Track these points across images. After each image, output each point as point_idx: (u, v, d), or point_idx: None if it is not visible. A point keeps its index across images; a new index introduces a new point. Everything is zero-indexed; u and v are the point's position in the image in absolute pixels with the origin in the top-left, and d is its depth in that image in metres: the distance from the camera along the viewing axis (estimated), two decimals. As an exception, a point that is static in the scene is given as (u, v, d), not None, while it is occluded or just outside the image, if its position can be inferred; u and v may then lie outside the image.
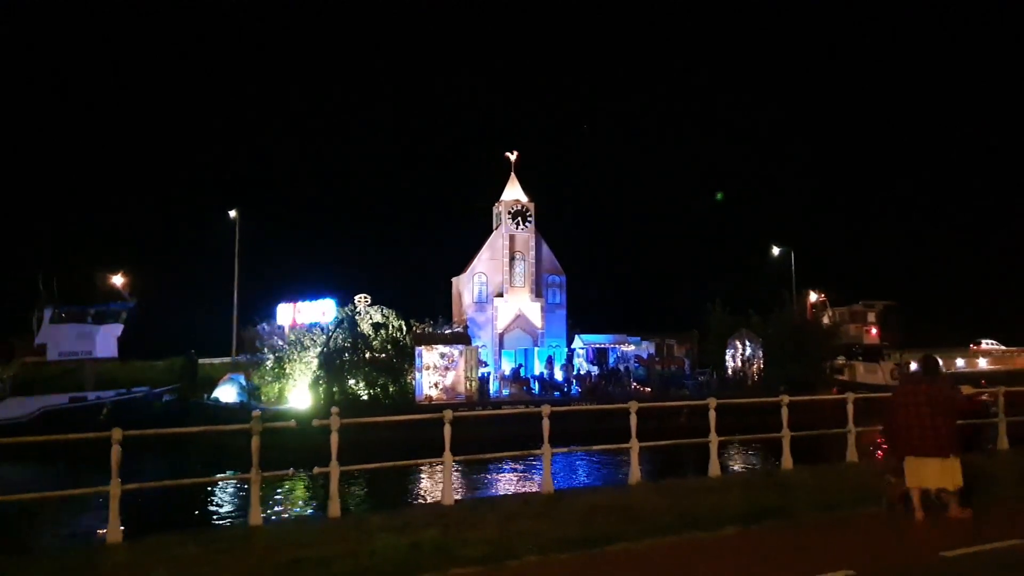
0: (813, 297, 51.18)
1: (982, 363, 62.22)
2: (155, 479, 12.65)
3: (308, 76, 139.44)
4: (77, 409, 32.32)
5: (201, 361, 42.31)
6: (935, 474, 9.29)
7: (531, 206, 50.66)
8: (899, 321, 48.49)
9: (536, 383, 46.84)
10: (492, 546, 8.07)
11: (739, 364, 48.91)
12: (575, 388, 46.15)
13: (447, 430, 9.88)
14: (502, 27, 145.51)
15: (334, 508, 9.37)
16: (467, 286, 50.67)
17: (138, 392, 35.14)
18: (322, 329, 39.41)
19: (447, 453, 9.92)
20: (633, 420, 11.15)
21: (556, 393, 45.11)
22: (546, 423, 10.50)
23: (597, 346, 51.27)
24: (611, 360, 50.96)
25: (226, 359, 46.43)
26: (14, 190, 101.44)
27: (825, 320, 46.15)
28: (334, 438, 9.37)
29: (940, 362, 10.64)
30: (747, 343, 48.38)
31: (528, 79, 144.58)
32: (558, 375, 48.44)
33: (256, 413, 9.33)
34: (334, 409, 9.78)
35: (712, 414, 11.70)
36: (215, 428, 12.65)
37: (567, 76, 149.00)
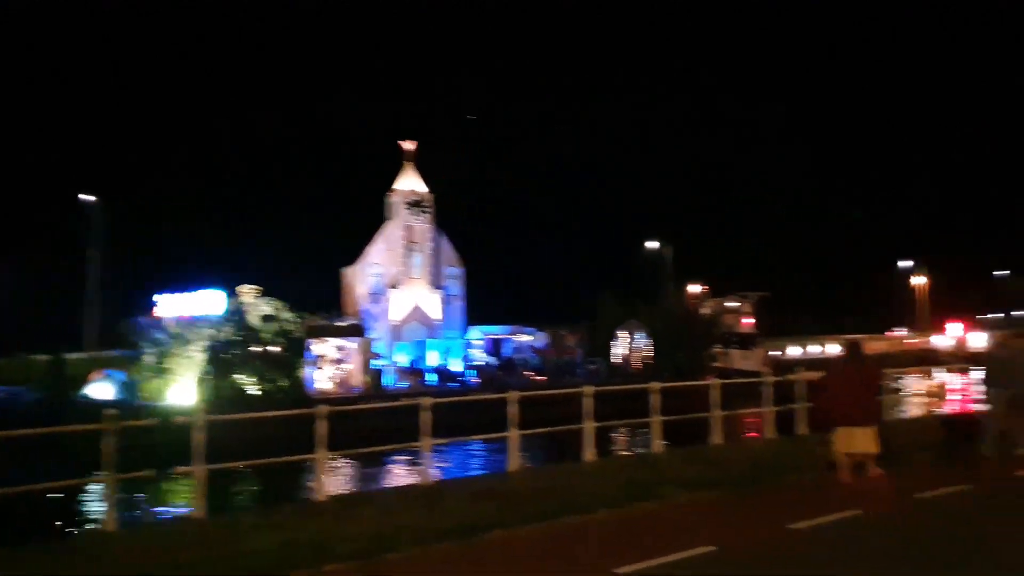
0: (695, 289, 53.30)
1: (834, 348, 66.76)
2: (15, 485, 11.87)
3: (194, 57, 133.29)
4: None
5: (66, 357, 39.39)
6: (862, 441, 10.61)
7: (430, 197, 50.25)
8: (771, 311, 51.46)
9: (435, 374, 46.85)
10: (370, 540, 8.03)
11: (628, 353, 50.54)
12: (473, 378, 46.47)
13: (321, 426, 9.73)
14: (389, 10, 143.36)
15: (201, 509, 9.08)
16: (360, 277, 49.93)
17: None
18: (209, 322, 37.83)
19: (321, 448, 9.76)
20: (512, 410, 11.33)
21: (454, 384, 45.22)
22: (426, 415, 10.52)
23: (494, 337, 51.81)
24: (507, 350, 51.59)
25: (97, 354, 43.66)
26: None
27: (706, 311, 48.20)
28: (198, 436, 9.07)
29: (863, 346, 12.22)
30: (635, 333, 50.04)
31: (430, 69, 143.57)
32: (457, 366, 48.69)
33: (110, 412, 8.88)
34: (200, 407, 9.48)
35: (587, 401, 12.05)
36: (65, 429, 10.90)
37: (470, 68, 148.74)
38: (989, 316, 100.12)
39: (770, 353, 45.87)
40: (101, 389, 36.04)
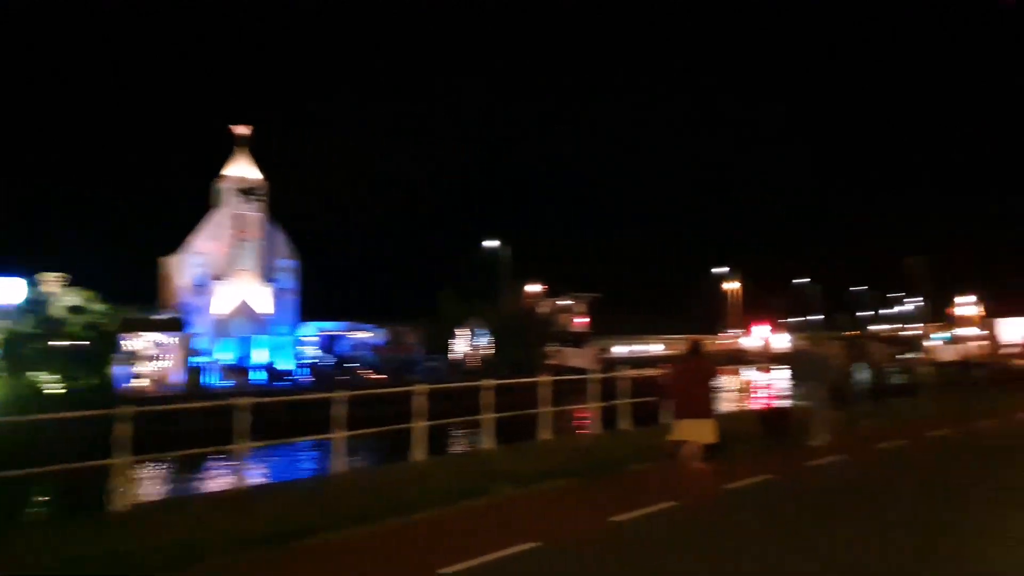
0: (533, 288, 54.56)
1: (656, 347, 71.28)
2: None
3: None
4: None
5: None
6: (700, 432, 11.43)
7: (264, 184, 47.85)
8: (602, 311, 53.81)
9: (263, 372, 44.74)
10: (177, 550, 7.40)
11: (469, 350, 50.89)
12: (305, 377, 44.83)
13: (122, 428, 8.85)
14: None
15: None
16: (182, 268, 46.74)
17: None
18: (5, 312, 33.94)
19: (122, 453, 8.87)
20: (338, 410, 10.89)
21: (284, 382, 43.42)
22: (244, 416, 9.85)
23: (329, 333, 50.36)
24: (343, 348, 50.35)
25: None
26: None
27: (543, 310, 49.51)
28: None
29: (703, 344, 13.17)
30: (476, 330, 50.47)
31: (263, 52, 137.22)
32: (288, 364, 46.72)
33: None
34: None
35: (419, 399, 11.83)
36: None
37: (307, 52, 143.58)
38: (790, 320, 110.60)
39: (601, 351, 47.82)
40: None
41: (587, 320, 51.72)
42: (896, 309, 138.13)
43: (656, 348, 71.00)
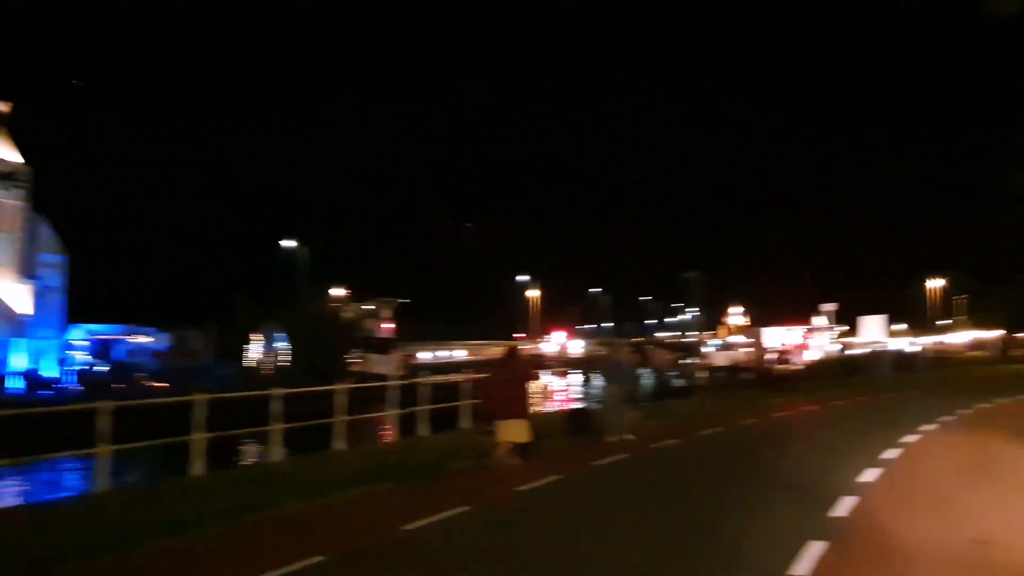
0: (337, 292, 53.25)
1: (460, 353, 72.79)
2: None
3: None
4: None
5: None
6: (517, 432, 12.24)
7: (26, 170, 42.62)
8: (409, 317, 53.67)
9: (21, 380, 39.92)
10: None
11: (266, 356, 48.53)
12: (74, 385, 40.61)
13: None
14: None
15: None
16: (-77, 261, 40.68)
17: None
18: None
19: None
20: (103, 423, 9.92)
21: (47, 391, 39.09)
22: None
23: (102, 337, 45.88)
24: (119, 353, 46.10)
25: None
26: None
27: (347, 314, 48.44)
28: None
29: (519, 350, 14.43)
30: (274, 335, 48.25)
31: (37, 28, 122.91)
32: (52, 371, 42.02)
33: None
34: None
35: (199, 409, 11.08)
36: None
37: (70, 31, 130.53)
38: (585, 327, 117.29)
39: (407, 356, 47.62)
40: None
41: (393, 326, 51.19)
42: (678, 318, 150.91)
43: (460, 354, 71.96)
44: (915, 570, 6.90)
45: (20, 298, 43.03)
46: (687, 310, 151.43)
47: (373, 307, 51.94)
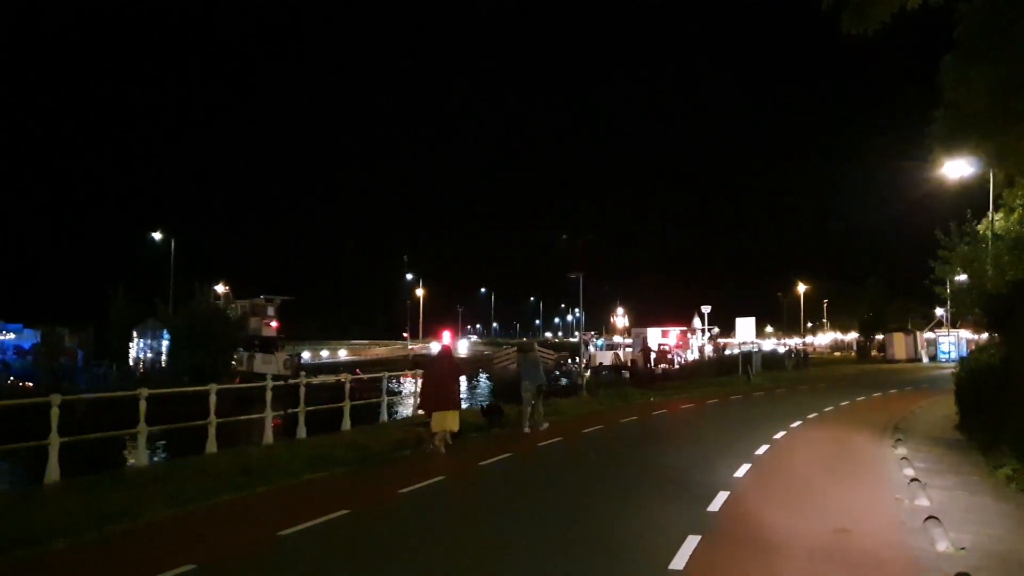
0: (219, 289, 50.76)
1: (343, 353, 71.25)
2: None
3: None
4: None
5: None
6: (449, 422, 13.43)
7: None
8: (293, 316, 51.82)
9: None
10: None
11: (145, 355, 45.71)
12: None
13: None
14: None
15: None
16: None
17: None
18: None
19: None
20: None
21: None
22: None
23: (-38, 334, 41.93)
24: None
25: None
26: None
27: (232, 312, 46.17)
28: None
29: (450, 347, 15.47)
30: (153, 333, 45.50)
31: None
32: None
33: None
34: None
35: (54, 411, 10.08)
36: None
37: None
38: (472, 327, 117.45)
39: (291, 357, 45.89)
40: None
41: (276, 324, 49.13)
42: (565, 318, 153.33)
43: (342, 354, 70.01)
44: (782, 559, 7.07)
45: None
46: (573, 311, 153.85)
47: (257, 304, 49.56)
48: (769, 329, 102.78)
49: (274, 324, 48.72)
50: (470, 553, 7.31)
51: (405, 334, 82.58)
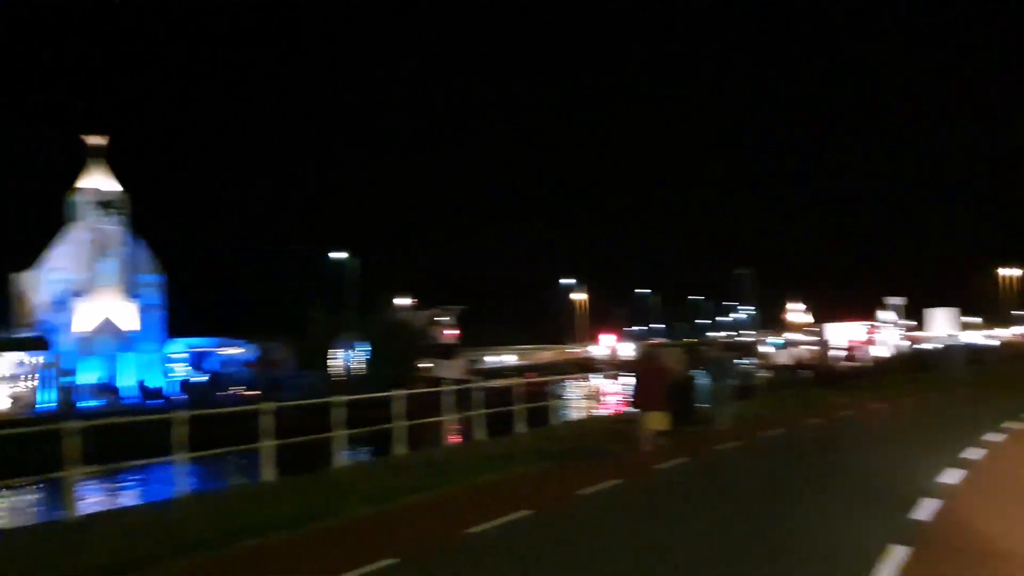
0: (402, 301, 53.53)
1: (512, 358, 71.73)
2: None
3: None
4: None
5: None
6: (659, 421, 13.54)
7: (123, 197, 44.33)
8: (471, 323, 53.52)
9: (138, 390, 41.45)
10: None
11: (346, 364, 49.16)
12: (178, 394, 41.92)
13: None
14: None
15: None
16: (38, 284, 42.51)
17: None
18: None
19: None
20: (180, 431, 9.86)
21: (157, 401, 40.43)
22: (71, 441, 8.70)
23: (199, 350, 47.31)
24: (212, 364, 47.37)
25: None
26: None
27: (417, 322, 48.60)
28: None
29: (660, 350, 15.50)
30: (352, 344, 48.83)
31: (126, 60, 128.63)
32: (157, 381, 43.51)
33: None
34: None
35: (265, 418, 10.93)
36: None
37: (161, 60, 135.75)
38: (634, 329, 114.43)
39: (471, 362, 47.44)
40: None
41: (456, 332, 51.13)
42: (731, 317, 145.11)
43: (510, 359, 70.74)
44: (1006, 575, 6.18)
45: (126, 316, 44.70)
46: (740, 308, 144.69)
47: (437, 314, 51.94)
48: (970, 320, 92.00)
49: (453, 332, 50.73)
50: (649, 559, 7.04)
51: (570, 340, 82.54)
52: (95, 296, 43.28)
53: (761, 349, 45.25)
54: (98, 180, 44.11)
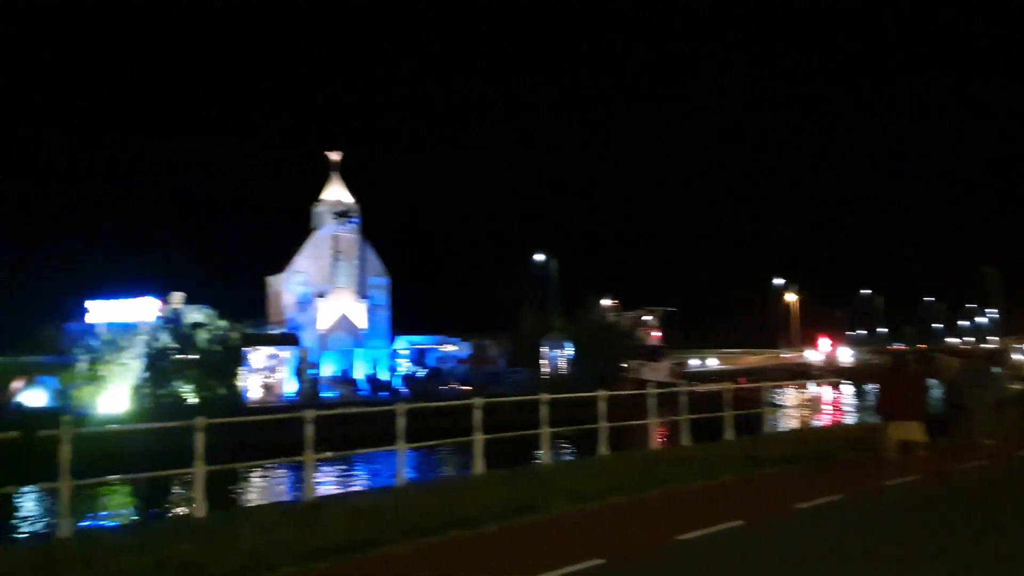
0: (607, 302, 53.41)
1: (713, 362, 68.05)
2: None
3: (120, 62, 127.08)
4: None
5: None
6: (911, 431, 12.71)
7: (356, 207, 48.79)
8: (676, 325, 52.12)
9: (367, 383, 45.37)
10: (246, 559, 7.20)
11: (553, 363, 50.13)
12: (402, 388, 45.18)
13: (199, 438, 8.76)
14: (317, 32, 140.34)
15: (64, 527, 7.95)
16: (287, 286, 48.02)
17: None
18: (144, 329, 35.43)
19: (199, 462, 8.76)
20: (400, 423, 10.55)
21: (385, 393, 43.82)
22: (309, 428, 9.63)
23: (420, 347, 50.64)
24: (430, 360, 50.42)
25: (30, 359, 40.25)
26: None
27: (623, 323, 48.31)
28: (64, 449, 7.96)
29: (908, 357, 14.74)
30: (559, 343, 49.67)
31: (356, 79, 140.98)
32: (383, 376, 47.26)
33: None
34: (65, 418, 8.34)
35: (477, 413, 11.37)
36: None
37: (396, 80, 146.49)
38: (855, 333, 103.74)
39: (678, 365, 46.27)
40: (32, 396, 33.39)
41: (661, 334, 50.13)
42: (972, 321, 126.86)
43: (712, 362, 67.53)
44: None
45: (358, 315, 49.10)
46: (986, 312, 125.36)
47: (641, 316, 51.23)
48: None
49: (657, 334, 49.82)
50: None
51: (785, 343, 77.22)
52: (332, 296, 48.00)
53: (1013, 357, 39.34)
54: (336, 191, 48.95)
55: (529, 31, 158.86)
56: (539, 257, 57.32)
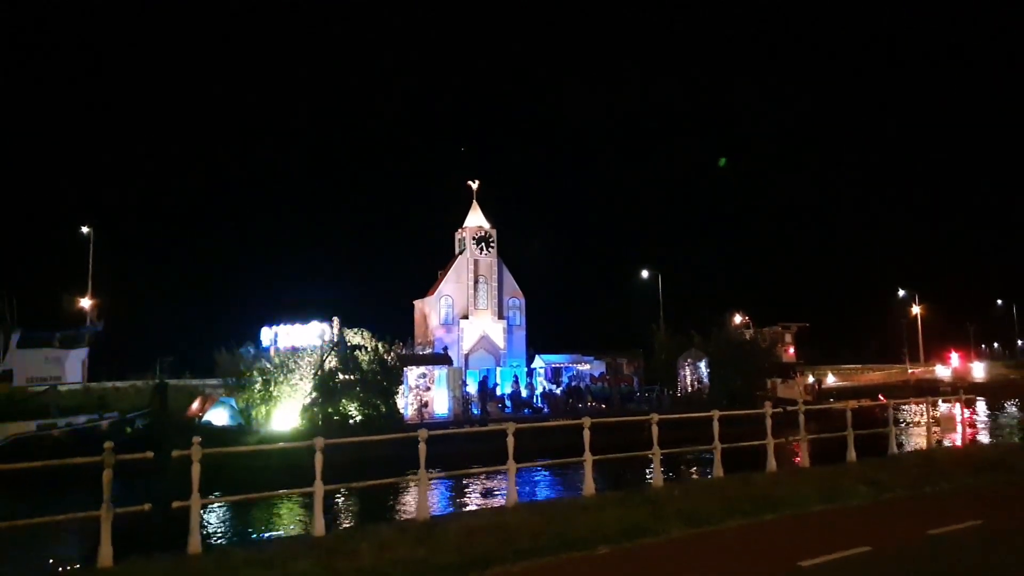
0: (738, 319, 50.82)
1: (830, 379, 62.32)
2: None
3: (284, 102, 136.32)
4: (45, 436, 29.85)
5: (175, 383, 39.54)
6: None
7: (493, 232, 49.91)
8: (812, 341, 48.40)
9: (509, 401, 45.90)
10: (366, 575, 7.34)
11: (689, 381, 48.19)
12: (543, 405, 45.26)
13: (318, 458, 9.01)
14: (461, 59, 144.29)
15: (193, 543, 8.27)
16: (434, 308, 49.61)
17: (109, 418, 32.51)
18: (313, 351, 37.84)
19: (318, 482, 8.95)
20: (509, 441, 10.34)
21: (527, 410, 44.01)
22: (423, 447, 9.69)
23: (555, 365, 50.53)
24: (564, 378, 50.10)
25: (209, 381, 44.14)
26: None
27: (759, 341, 45.75)
28: (195, 468, 8.40)
29: None
30: (695, 361, 47.73)
31: (490, 107, 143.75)
32: (523, 393, 47.69)
33: (108, 445, 8.09)
34: (196, 439, 8.83)
35: (586, 433, 10.95)
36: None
37: (525, 107, 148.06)
38: (991, 347, 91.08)
39: (815, 382, 43.05)
40: (216, 415, 36.51)
41: (794, 351, 46.86)
42: None
43: (829, 380, 61.98)
44: None
45: (497, 334, 49.98)
46: None
47: (776, 332, 48.25)
48: None
49: (791, 350, 46.73)
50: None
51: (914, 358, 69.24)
52: (474, 318, 49.19)
53: None
54: (476, 218, 50.56)
55: (641, 51, 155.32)
56: (646, 273, 55.89)
